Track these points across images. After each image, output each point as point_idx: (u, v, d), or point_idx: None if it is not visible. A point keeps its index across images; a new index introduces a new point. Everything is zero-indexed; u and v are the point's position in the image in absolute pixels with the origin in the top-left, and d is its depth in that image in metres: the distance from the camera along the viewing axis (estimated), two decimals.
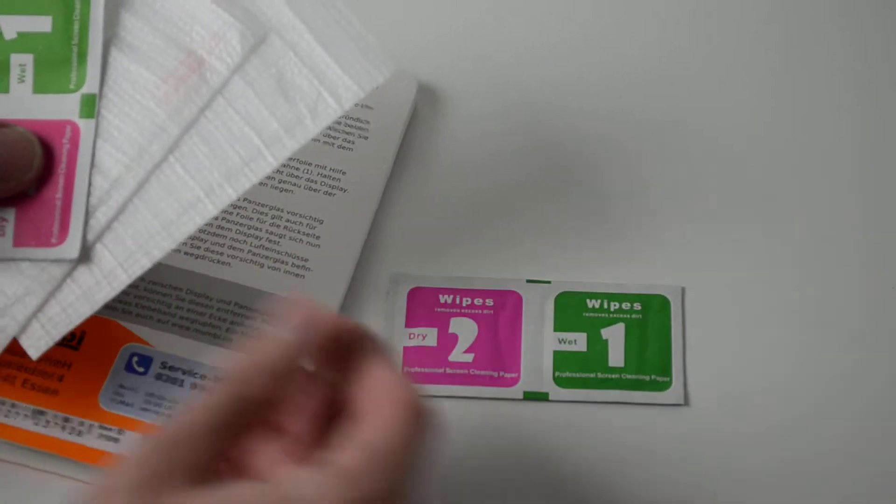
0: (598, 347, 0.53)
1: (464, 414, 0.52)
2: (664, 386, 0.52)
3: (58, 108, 0.46)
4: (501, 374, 0.52)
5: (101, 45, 0.46)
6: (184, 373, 0.50)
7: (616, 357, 0.52)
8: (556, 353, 0.52)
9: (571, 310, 0.53)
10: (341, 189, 0.55)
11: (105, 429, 0.49)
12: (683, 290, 0.54)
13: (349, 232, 0.54)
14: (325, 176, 0.55)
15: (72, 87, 0.46)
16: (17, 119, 0.45)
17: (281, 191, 0.55)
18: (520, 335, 0.53)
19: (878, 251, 0.55)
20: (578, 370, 0.52)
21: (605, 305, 0.53)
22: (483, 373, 0.52)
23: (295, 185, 0.55)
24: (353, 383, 0.39)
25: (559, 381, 0.52)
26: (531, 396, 0.52)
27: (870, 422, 0.52)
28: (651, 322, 0.53)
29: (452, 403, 0.52)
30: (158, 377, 0.50)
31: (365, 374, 0.39)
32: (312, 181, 0.55)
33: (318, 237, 0.54)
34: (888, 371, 0.53)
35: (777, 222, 0.56)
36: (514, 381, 0.52)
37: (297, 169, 0.55)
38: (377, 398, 0.38)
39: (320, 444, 0.38)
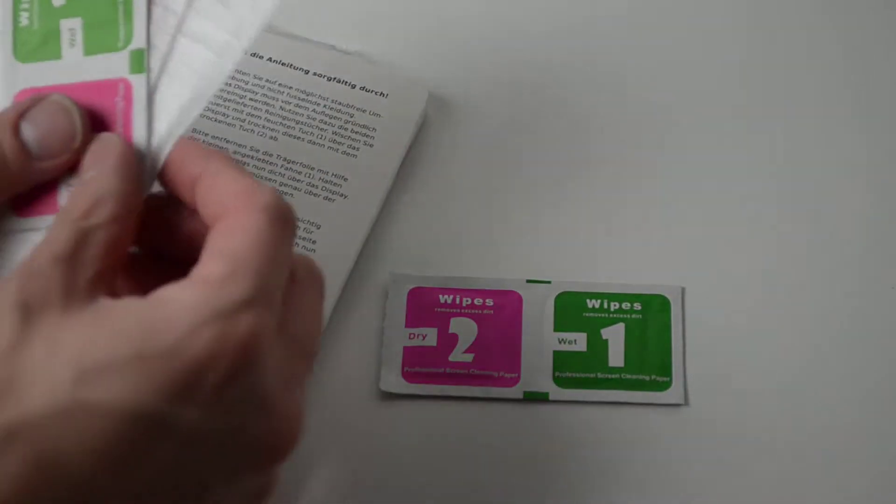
0: (598, 347, 0.52)
1: (464, 414, 0.52)
2: (664, 386, 0.52)
3: (108, 67, 0.45)
4: (501, 374, 0.52)
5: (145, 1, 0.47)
6: None
7: (616, 357, 0.52)
8: (556, 353, 0.52)
9: (571, 310, 0.53)
10: (342, 195, 0.55)
11: None
12: (683, 290, 0.54)
13: (346, 238, 0.54)
14: (326, 181, 0.56)
15: (120, 45, 0.46)
16: (70, 84, 0.45)
17: (281, 193, 0.55)
18: (520, 335, 0.53)
19: (878, 251, 0.55)
20: (578, 370, 0.52)
21: (605, 305, 0.53)
22: (483, 373, 0.52)
23: (296, 188, 0.55)
24: (205, 197, 0.38)
25: (559, 381, 0.52)
26: (531, 396, 0.52)
27: (870, 422, 0.51)
28: (651, 322, 0.53)
29: (452, 404, 0.52)
30: None
31: (215, 184, 0.38)
32: (313, 186, 0.55)
33: (314, 241, 0.54)
34: (888, 371, 0.52)
35: (777, 223, 0.56)
36: (514, 381, 0.52)
37: (300, 173, 0.56)
38: (232, 205, 0.36)
39: None
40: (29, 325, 0.33)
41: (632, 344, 0.52)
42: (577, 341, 0.52)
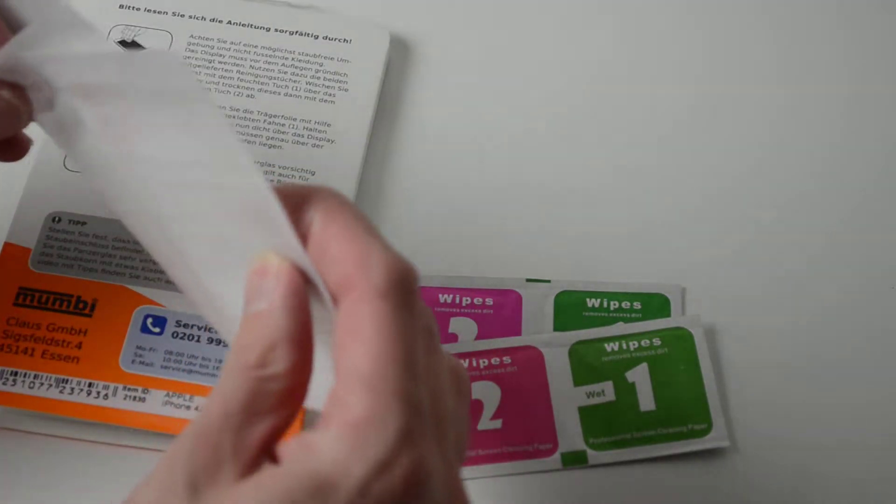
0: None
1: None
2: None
3: None
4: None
5: None
6: (199, 328, 0.51)
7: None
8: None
9: (571, 309, 0.53)
10: (328, 140, 0.56)
11: (130, 389, 0.49)
12: (684, 289, 0.53)
13: (341, 179, 0.55)
14: (310, 129, 0.56)
15: None
16: None
17: (270, 147, 0.55)
18: (519, 335, 0.52)
19: (878, 251, 0.56)
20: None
21: (605, 304, 0.53)
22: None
23: (283, 140, 0.56)
24: (320, 256, 0.33)
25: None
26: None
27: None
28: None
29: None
30: (175, 335, 0.51)
31: (330, 244, 0.33)
32: (299, 135, 0.56)
33: None
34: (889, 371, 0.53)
35: (776, 223, 0.56)
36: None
37: (283, 125, 0.56)
38: (351, 283, 0.33)
39: None
40: None
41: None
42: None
